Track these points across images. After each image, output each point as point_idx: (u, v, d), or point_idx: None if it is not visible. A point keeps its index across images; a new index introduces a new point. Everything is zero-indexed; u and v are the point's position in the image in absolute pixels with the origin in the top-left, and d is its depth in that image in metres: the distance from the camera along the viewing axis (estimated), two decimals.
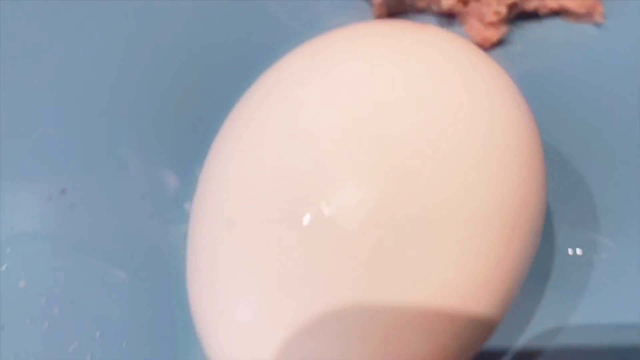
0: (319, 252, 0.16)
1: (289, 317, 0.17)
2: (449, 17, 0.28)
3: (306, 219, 0.17)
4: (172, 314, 0.23)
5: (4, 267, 0.23)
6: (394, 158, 0.17)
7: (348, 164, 0.17)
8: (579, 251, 0.24)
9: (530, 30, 0.28)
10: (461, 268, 0.16)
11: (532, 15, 0.28)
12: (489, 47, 0.27)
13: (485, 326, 0.17)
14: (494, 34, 0.27)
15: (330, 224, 0.16)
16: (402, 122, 0.17)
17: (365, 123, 0.17)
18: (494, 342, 0.22)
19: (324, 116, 0.17)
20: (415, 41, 0.18)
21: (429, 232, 0.16)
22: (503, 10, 0.27)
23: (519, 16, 0.28)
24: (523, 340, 0.22)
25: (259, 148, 0.18)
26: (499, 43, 0.27)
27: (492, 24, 0.27)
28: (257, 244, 0.17)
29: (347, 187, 0.17)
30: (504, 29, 0.27)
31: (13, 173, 0.25)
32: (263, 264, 0.17)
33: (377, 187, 0.17)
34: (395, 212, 0.16)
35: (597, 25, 0.28)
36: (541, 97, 0.23)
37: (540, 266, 0.24)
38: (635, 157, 0.25)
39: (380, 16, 0.28)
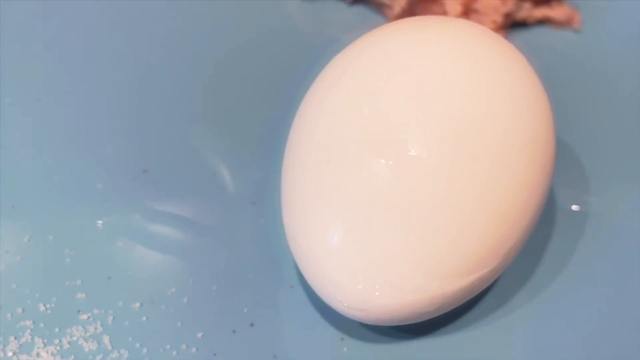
0: (403, 179, 0.22)
1: (378, 236, 0.22)
2: None
3: (394, 154, 0.22)
4: (254, 261, 0.27)
5: (102, 231, 0.28)
6: (451, 112, 0.22)
7: (420, 115, 0.22)
8: (574, 207, 0.29)
9: (520, 36, 0.34)
10: (506, 182, 0.22)
11: (522, 24, 0.34)
12: None
13: (523, 231, 0.23)
14: None
15: (411, 158, 0.22)
16: (454, 88, 0.23)
17: (428, 90, 0.22)
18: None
19: (394, 85, 0.23)
20: (455, 30, 0.24)
21: (481, 161, 0.22)
22: (499, 19, 0.33)
23: (511, 24, 0.34)
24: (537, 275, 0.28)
25: (346, 104, 0.23)
26: None
27: None
28: (352, 177, 0.22)
29: (422, 131, 0.22)
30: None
31: (101, 157, 0.29)
32: (357, 192, 0.22)
33: (444, 130, 0.22)
34: (456, 150, 0.22)
35: (575, 31, 0.34)
36: None
37: (544, 218, 0.29)
38: (610, 133, 0.31)
39: None
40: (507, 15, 0.33)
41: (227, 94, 0.31)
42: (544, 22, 0.34)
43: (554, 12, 0.33)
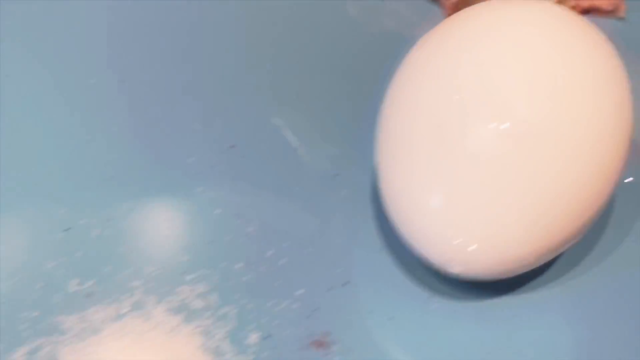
0: (508, 141, 0.24)
1: (481, 194, 0.24)
2: None
3: (499, 118, 0.24)
4: (341, 228, 0.29)
5: (198, 200, 0.30)
6: (550, 83, 0.25)
7: (522, 84, 0.25)
8: (630, 179, 0.32)
9: None
10: (601, 147, 0.25)
11: None
12: None
13: (609, 192, 0.26)
14: None
15: (515, 122, 0.24)
16: (549, 62, 0.25)
17: (527, 62, 0.25)
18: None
19: (494, 58, 0.25)
20: (541, 10, 0.26)
21: (578, 126, 0.24)
22: None
23: None
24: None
25: (451, 75, 0.25)
26: None
27: None
28: (460, 140, 0.24)
29: (524, 99, 0.25)
30: None
31: (190, 134, 0.32)
32: (464, 153, 0.24)
33: (544, 98, 0.25)
34: (554, 115, 0.24)
35: (620, 19, 0.36)
36: None
37: None
38: None
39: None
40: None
41: (302, 79, 0.33)
42: (590, 11, 0.36)
43: (601, 1, 0.36)
